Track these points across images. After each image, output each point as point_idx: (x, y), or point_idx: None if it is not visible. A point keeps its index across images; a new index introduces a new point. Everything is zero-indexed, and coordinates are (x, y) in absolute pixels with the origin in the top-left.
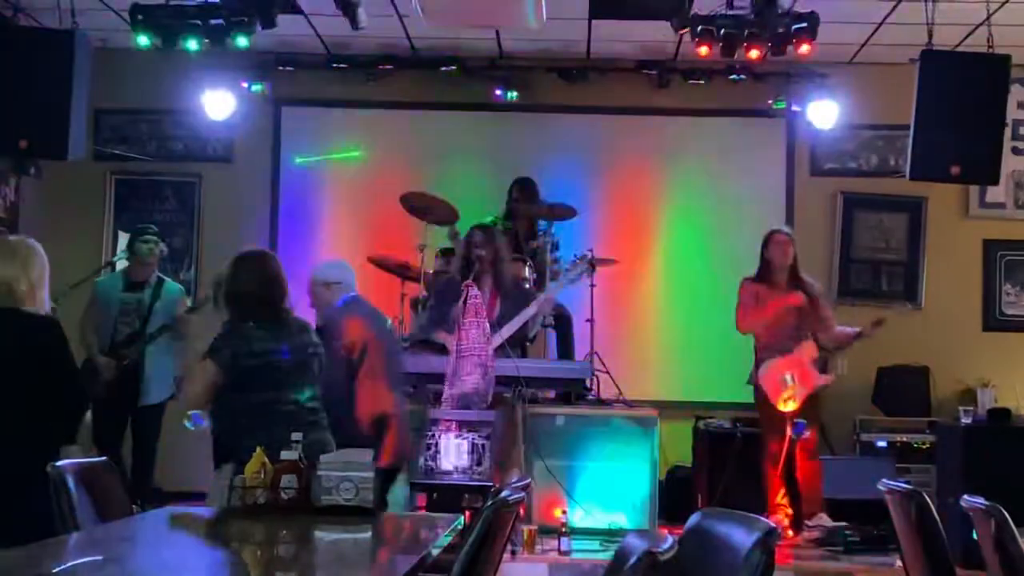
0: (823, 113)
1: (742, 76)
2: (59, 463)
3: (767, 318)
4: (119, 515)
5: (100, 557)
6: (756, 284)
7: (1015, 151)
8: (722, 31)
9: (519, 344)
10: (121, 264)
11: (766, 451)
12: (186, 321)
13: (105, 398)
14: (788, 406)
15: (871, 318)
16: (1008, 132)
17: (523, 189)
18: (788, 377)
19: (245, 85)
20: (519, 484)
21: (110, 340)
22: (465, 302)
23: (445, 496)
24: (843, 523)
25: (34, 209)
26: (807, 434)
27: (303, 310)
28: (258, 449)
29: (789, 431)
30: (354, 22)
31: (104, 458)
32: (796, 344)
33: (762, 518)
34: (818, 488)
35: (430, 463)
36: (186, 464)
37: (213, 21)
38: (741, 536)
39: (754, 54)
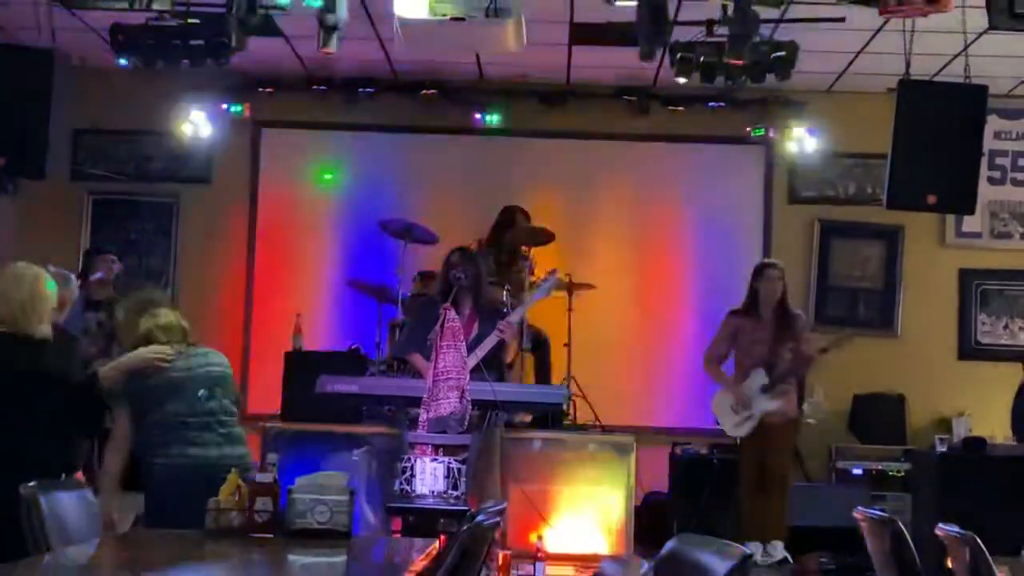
0: (801, 141)
1: (721, 103)
2: (30, 484)
3: (718, 383)
4: (91, 536)
5: None
6: (739, 318)
7: (991, 181)
8: (701, 59)
9: (497, 368)
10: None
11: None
12: None
13: None
14: (739, 432)
15: (847, 346)
16: (985, 162)
17: (526, 215)
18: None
19: (225, 106)
20: (495, 508)
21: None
22: (443, 325)
23: (420, 520)
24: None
25: (10, 228)
26: None
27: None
28: (232, 471)
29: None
30: (325, 43)
31: (76, 478)
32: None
33: (737, 545)
34: (780, 517)
35: (405, 487)
36: None
37: (193, 42)
38: (716, 563)
39: (733, 82)
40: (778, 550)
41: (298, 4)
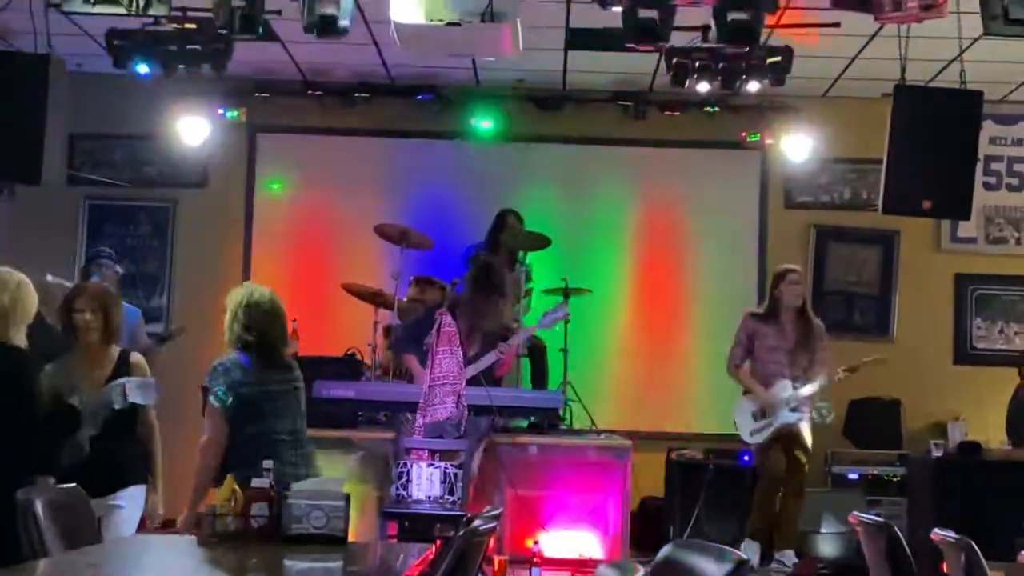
0: (797, 146)
1: (717, 108)
2: (28, 488)
3: (746, 386)
4: (88, 542)
5: None
6: (757, 322)
7: (986, 186)
8: (697, 64)
9: (492, 378)
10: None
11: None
12: (154, 351)
13: None
14: (754, 439)
15: (842, 351)
16: (980, 167)
17: (520, 218)
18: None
19: (221, 111)
20: (491, 514)
21: None
22: (439, 330)
23: (416, 525)
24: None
25: (6, 233)
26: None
27: None
28: (228, 477)
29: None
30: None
31: (73, 484)
32: (772, 382)
33: (733, 550)
34: (793, 524)
35: (401, 492)
36: None
37: (190, 47)
38: (712, 568)
39: (729, 87)
40: (789, 558)
41: (294, 9)
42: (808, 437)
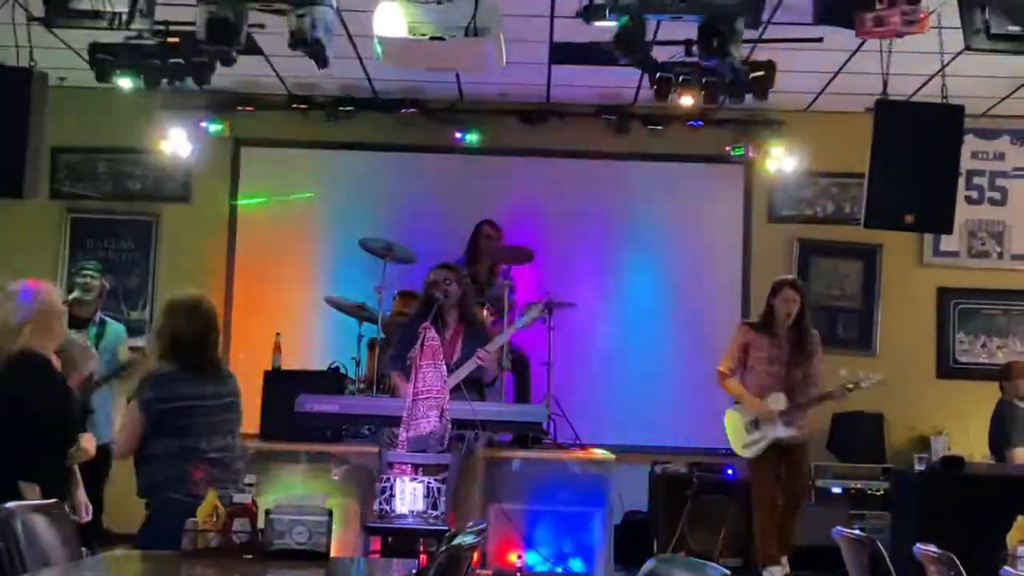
0: (780, 160)
1: (700, 122)
2: (8, 504)
3: (737, 398)
4: (68, 558)
5: None
6: (752, 332)
7: (968, 200)
8: (680, 78)
9: (477, 388)
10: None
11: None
12: (137, 365)
13: None
14: (747, 452)
15: (826, 365)
16: (962, 182)
17: (496, 227)
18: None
19: (204, 124)
20: (474, 528)
21: None
22: (423, 344)
23: (400, 541)
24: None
25: None
26: None
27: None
28: (211, 492)
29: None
30: (321, 61)
31: (54, 500)
32: (766, 394)
33: (716, 565)
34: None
35: (384, 507)
36: (135, 506)
37: (172, 60)
38: None
39: (711, 102)
40: (774, 573)
41: (277, 22)
42: (804, 453)
